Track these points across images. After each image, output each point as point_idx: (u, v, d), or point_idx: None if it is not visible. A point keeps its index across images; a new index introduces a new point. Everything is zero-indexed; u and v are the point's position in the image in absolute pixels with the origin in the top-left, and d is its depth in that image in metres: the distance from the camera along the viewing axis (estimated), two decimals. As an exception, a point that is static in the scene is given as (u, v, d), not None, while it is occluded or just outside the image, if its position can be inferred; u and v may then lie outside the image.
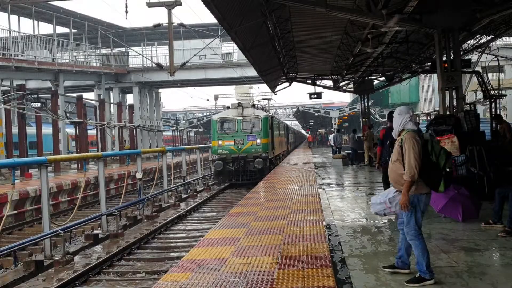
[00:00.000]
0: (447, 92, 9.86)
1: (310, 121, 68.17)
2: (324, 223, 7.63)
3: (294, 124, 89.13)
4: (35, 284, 8.29)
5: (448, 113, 10.13)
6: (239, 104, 21.35)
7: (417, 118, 35.09)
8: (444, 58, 10.31)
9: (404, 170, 4.40)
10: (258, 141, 20.31)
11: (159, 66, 22.72)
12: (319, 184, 13.56)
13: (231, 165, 20.41)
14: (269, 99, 64.69)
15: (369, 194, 10.50)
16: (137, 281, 7.86)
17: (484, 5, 9.71)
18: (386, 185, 9.75)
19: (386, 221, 7.62)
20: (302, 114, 59.43)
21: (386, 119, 11.19)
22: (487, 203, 7.40)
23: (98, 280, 8.04)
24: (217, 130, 21.06)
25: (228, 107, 22.34)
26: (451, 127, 9.39)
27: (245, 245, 6.39)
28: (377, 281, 4.58)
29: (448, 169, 4.61)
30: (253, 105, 22.22)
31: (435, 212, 7.48)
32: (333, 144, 29.69)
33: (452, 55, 9.94)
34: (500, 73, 33.59)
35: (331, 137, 32.85)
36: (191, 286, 4.77)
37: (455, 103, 10.20)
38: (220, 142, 20.65)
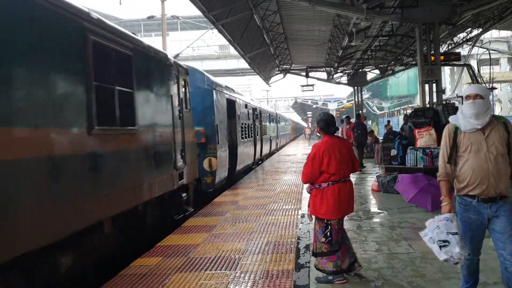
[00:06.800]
0: (427, 85, 10.05)
1: (309, 112, 68.31)
2: (300, 212, 7.88)
3: (295, 116, 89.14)
4: None
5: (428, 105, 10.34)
6: None
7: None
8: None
9: None
10: None
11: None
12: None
13: None
14: (267, 90, 64.92)
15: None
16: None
17: (464, 0, 9.88)
18: None
19: (359, 211, 7.86)
20: (300, 106, 59.54)
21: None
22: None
23: None
24: None
25: None
26: (429, 120, 9.62)
27: (220, 233, 6.65)
28: (333, 266, 4.82)
29: None
30: None
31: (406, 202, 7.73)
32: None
33: (433, 49, 10.12)
34: (495, 66, 33.69)
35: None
36: (158, 269, 5.04)
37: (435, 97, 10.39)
38: None
